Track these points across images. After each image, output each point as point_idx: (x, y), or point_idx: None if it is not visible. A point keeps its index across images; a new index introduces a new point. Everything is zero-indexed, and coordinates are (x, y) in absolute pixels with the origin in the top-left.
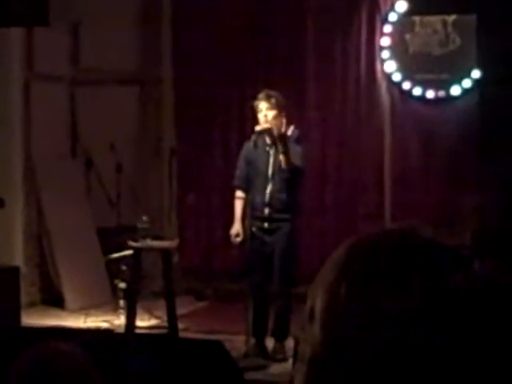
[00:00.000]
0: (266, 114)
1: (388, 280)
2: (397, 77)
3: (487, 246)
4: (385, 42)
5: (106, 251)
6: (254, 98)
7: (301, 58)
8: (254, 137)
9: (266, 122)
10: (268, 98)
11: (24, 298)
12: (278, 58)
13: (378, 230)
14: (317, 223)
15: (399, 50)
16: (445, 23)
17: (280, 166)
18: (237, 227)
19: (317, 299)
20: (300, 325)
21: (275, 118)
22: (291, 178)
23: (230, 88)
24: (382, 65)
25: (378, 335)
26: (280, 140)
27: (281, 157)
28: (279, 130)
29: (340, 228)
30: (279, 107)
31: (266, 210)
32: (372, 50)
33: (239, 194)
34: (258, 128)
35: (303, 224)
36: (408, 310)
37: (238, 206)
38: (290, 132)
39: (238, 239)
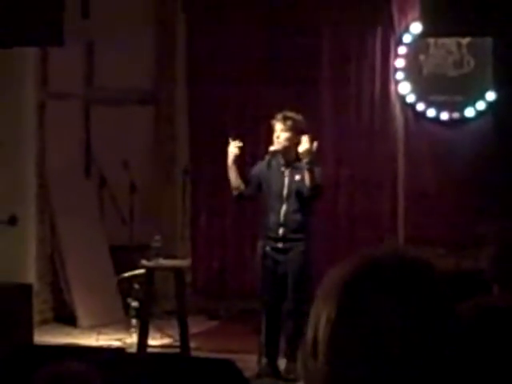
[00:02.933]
0: (279, 135)
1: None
2: (411, 98)
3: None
4: (399, 63)
5: (119, 270)
6: (271, 117)
7: (315, 79)
8: (267, 157)
9: (279, 143)
10: (284, 120)
11: (36, 316)
12: (292, 79)
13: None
14: (330, 245)
15: (413, 72)
16: (459, 45)
17: (295, 186)
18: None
19: (318, 331)
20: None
21: (288, 140)
22: (310, 197)
23: (244, 108)
24: (396, 86)
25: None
26: (307, 157)
27: (306, 175)
28: (290, 152)
29: (353, 251)
30: (294, 130)
31: (281, 231)
32: (386, 71)
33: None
34: (272, 148)
35: (316, 247)
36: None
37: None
38: (314, 148)
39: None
